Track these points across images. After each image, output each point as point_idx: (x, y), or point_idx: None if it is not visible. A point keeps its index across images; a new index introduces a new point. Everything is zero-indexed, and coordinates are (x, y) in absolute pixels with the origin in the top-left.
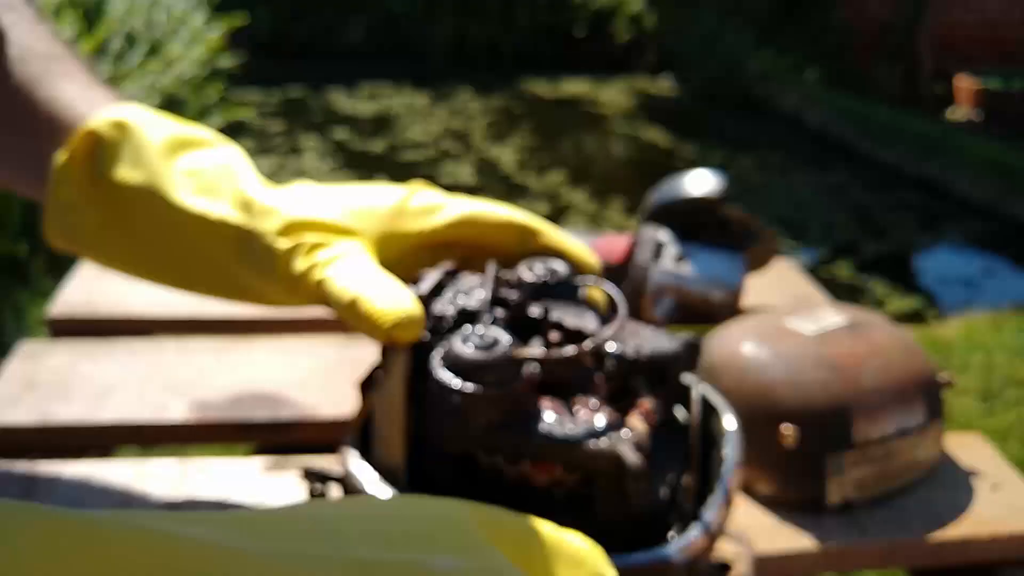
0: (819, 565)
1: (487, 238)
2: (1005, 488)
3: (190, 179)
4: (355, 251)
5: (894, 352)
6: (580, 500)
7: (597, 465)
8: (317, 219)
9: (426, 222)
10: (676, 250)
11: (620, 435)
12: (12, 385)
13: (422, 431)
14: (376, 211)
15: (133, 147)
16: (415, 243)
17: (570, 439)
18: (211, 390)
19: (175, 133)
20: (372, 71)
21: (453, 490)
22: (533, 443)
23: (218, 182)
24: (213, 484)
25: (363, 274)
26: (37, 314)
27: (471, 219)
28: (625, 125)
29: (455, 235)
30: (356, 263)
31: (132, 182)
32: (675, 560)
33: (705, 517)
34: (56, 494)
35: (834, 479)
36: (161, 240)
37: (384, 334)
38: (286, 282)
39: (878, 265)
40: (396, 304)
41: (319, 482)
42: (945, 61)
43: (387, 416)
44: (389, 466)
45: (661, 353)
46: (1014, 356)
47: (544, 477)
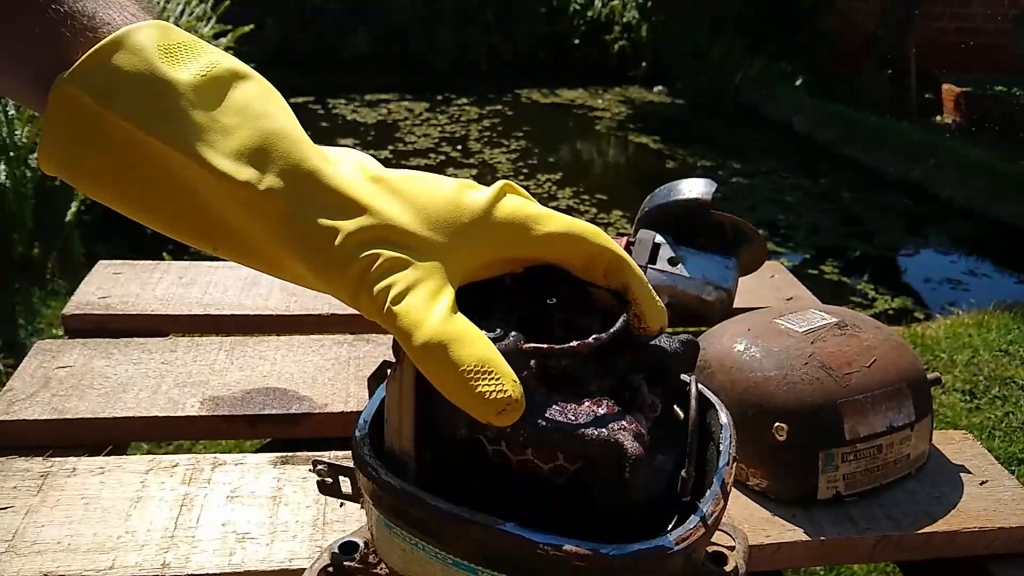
0: (810, 558)
1: (573, 259)
2: (992, 483)
3: (228, 136)
4: (433, 277)
5: (883, 351)
6: (580, 490)
7: (597, 452)
8: (398, 225)
9: (519, 238)
10: (671, 252)
11: (621, 424)
12: (28, 382)
13: (432, 419)
14: (458, 220)
15: (157, 82)
16: (496, 259)
17: (572, 427)
18: (223, 386)
19: (209, 67)
20: (376, 80)
21: (460, 476)
22: (536, 430)
23: (267, 142)
24: (225, 478)
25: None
26: (50, 314)
27: (570, 238)
28: (619, 132)
29: (548, 251)
30: (434, 299)
31: (155, 129)
32: (673, 550)
33: (702, 509)
34: (71, 488)
35: (825, 474)
36: (182, 198)
37: (486, 418)
38: (346, 288)
39: (866, 267)
40: (499, 389)
41: (329, 476)
42: (931, 68)
43: (399, 404)
44: (399, 453)
45: (662, 351)
46: (999, 354)
47: (547, 464)
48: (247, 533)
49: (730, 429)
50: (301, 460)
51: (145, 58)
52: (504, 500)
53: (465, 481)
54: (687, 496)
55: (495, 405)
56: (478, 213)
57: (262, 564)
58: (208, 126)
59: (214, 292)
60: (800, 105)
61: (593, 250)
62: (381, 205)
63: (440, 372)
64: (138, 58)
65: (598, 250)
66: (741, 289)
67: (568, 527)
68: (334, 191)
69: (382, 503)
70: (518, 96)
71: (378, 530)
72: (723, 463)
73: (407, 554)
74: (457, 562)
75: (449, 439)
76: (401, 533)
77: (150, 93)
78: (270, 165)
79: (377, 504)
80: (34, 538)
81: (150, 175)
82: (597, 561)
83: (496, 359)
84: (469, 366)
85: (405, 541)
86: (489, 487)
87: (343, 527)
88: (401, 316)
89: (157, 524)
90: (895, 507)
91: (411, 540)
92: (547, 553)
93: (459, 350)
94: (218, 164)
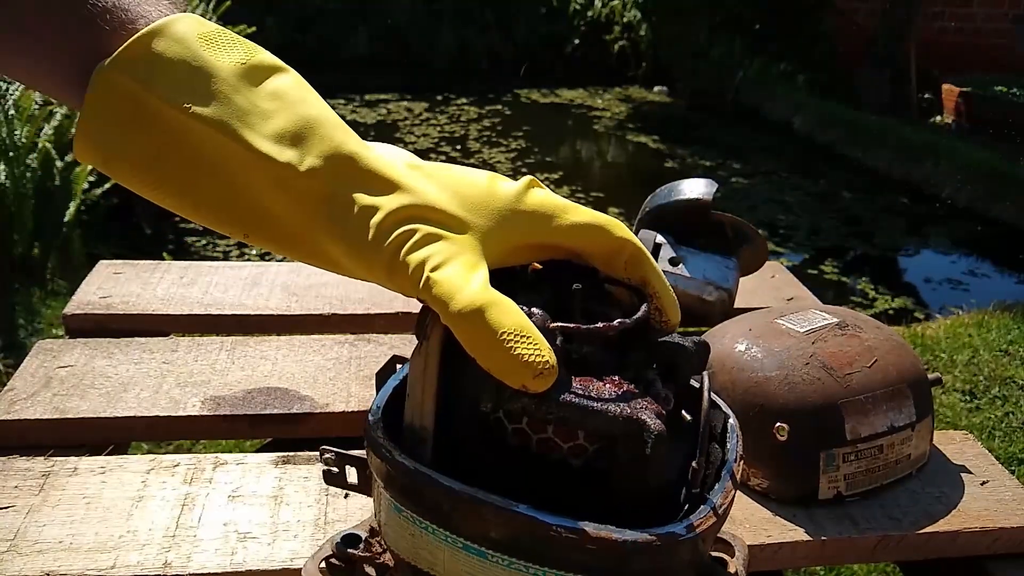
0: (811, 558)
1: (595, 250)
2: (993, 484)
3: (269, 119)
4: (469, 252)
5: (884, 351)
6: (597, 474)
7: (620, 429)
8: (435, 205)
9: (546, 225)
10: (671, 252)
11: (642, 404)
12: (29, 382)
13: (456, 393)
14: (490, 204)
15: (199, 68)
16: (524, 244)
17: (594, 405)
18: (224, 386)
19: (249, 56)
20: (375, 79)
21: (476, 460)
22: (561, 405)
23: (304, 126)
24: (226, 477)
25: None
26: (50, 314)
27: (595, 229)
28: (619, 132)
29: (573, 240)
30: (472, 270)
31: (197, 111)
32: (684, 536)
33: (713, 499)
34: (72, 488)
35: (826, 474)
36: (220, 182)
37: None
38: (383, 264)
39: (866, 267)
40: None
41: (336, 464)
42: (931, 68)
43: (422, 378)
44: (419, 428)
45: (678, 347)
46: (999, 354)
47: (566, 444)
48: (249, 533)
49: (736, 430)
50: (302, 460)
51: (187, 45)
52: (518, 484)
53: (481, 463)
54: (697, 488)
55: (532, 368)
56: (509, 199)
57: (264, 564)
58: (249, 109)
59: (215, 292)
60: (800, 105)
61: (615, 242)
62: (419, 186)
63: (479, 335)
64: (180, 45)
65: (620, 243)
66: (742, 289)
67: (581, 512)
68: (373, 173)
69: (394, 484)
70: (517, 96)
71: (387, 515)
72: (732, 458)
73: (416, 539)
74: (467, 546)
75: (469, 418)
76: (411, 516)
77: (193, 77)
78: (310, 147)
79: (388, 486)
80: (35, 537)
81: (190, 160)
82: (609, 545)
83: (532, 327)
84: (508, 329)
85: (415, 525)
86: (504, 470)
87: (345, 526)
88: (440, 283)
89: (158, 524)
90: (896, 507)
91: (421, 524)
92: (560, 535)
93: (498, 315)
94: (260, 145)
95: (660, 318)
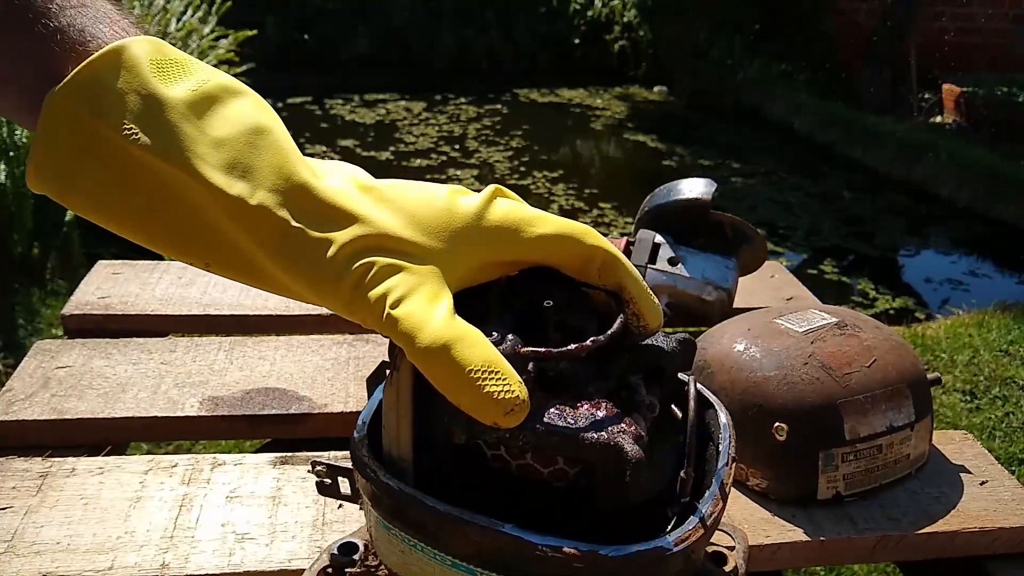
0: (810, 558)
1: (565, 261)
2: (992, 483)
3: (220, 149)
4: (431, 281)
5: (883, 351)
6: (580, 492)
7: (597, 456)
8: (391, 232)
9: (511, 240)
10: (671, 252)
11: (620, 427)
12: (28, 382)
13: (429, 424)
14: (451, 224)
15: (149, 96)
16: (491, 262)
17: (571, 431)
18: (223, 387)
19: (201, 83)
20: (375, 79)
21: (459, 482)
22: (536, 435)
23: (256, 156)
24: (224, 478)
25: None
26: (50, 314)
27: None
28: (618, 132)
29: (540, 253)
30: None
31: (146, 142)
32: (672, 551)
33: (701, 510)
34: (70, 488)
35: (825, 474)
36: (175, 213)
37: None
38: (342, 299)
39: (866, 267)
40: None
41: (328, 476)
42: (932, 68)
43: (396, 409)
44: (397, 458)
45: (659, 351)
46: (999, 354)
47: (546, 469)
48: (246, 533)
49: (730, 429)
50: (300, 460)
51: (138, 73)
52: (503, 502)
53: (464, 484)
54: (686, 497)
55: (503, 405)
56: (470, 217)
57: (261, 564)
58: (200, 139)
59: (213, 292)
60: (800, 105)
61: (586, 251)
62: (373, 214)
63: (446, 374)
64: (130, 73)
65: (591, 250)
66: (741, 289)
67: (567, 528)
68: (325, 203)
69: (380, 504)
70: (517, 96)
71: (377, 531)
72: (722, 464)
73: (406, 555)
74: (456, 563)
75: (446, 446)
76: (399, 534)
77: (142, 107)
78: (261, 179)
79: (375, 505)
80: (33, 538)
81: (144, 191)
82: (596, 562)
83: (501, 360)
84: (476, 367)
85: (404, 542)
86: (488, 490)
87: (343, 527)
88: (402, 320)
89: (156, 524)
90: (895, 507)
91: (409, 541)
92: (546, 555)
93: (464, 351)
94: (210, 177)
95: (638, 323)
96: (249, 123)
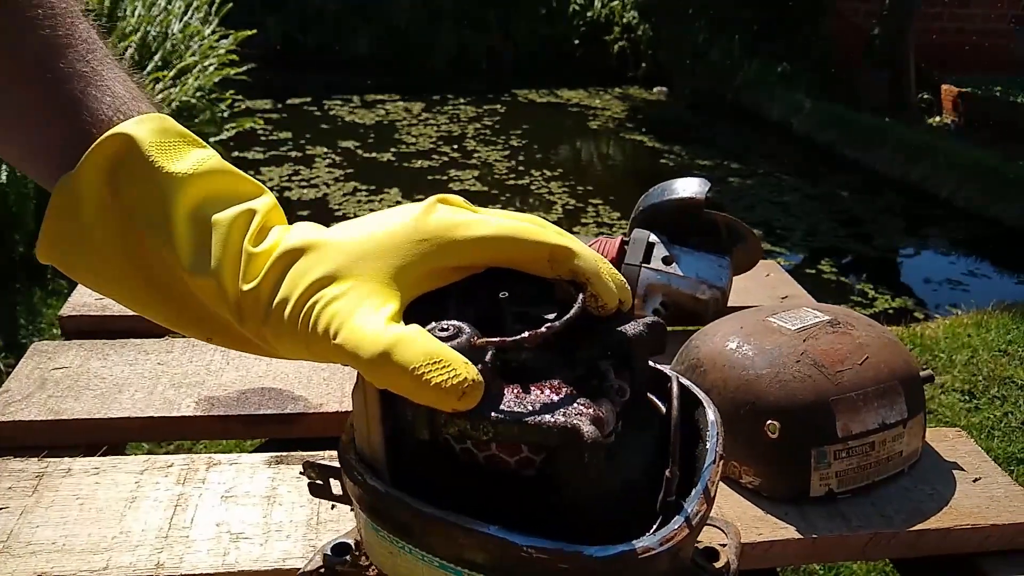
0: (802, 555)
1: (511, 260)
2: (985, 480)
3: (200, 236)
4: (368, 296)
5: (875, 348)
6: (549, 482)
7: (555, 440)
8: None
9: (450, 245)
10: (665, 251)
11: (576, 409)
12: (24, 383)
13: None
14: (390, 240)
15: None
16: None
17: (527, 416)
18: (218, 387)
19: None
20: (375, 79)
21: (434, 480)
22: (492, 423)
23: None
24: (219, 477)
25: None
26: (51, 314)
27: (501, 241)
28: (617, 132)
29: (481, 256)
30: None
31: (141, 223)
32: (657, 551)
33: (687, 509)
34: (66, 489)
35: (817, 471)
36: (174, 290)
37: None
38: (305, 350)
39: (865, 267)
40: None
41: (320, 478)
42: (930, 68)
43: (364, 414)
44: (371, 460)
45: (624, 335)
46: (998, 354)
47: (512, 458)
48: (241, 533)
49: (718, 427)
50: (296, 460)
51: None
52: (480, 498)
53: (441, 483)
54: (672, 496)
55: (453, 392)
56: (407, 229)
57: (256, 564)
58: (183, 219)
59: None
60: (799, 106)
61: (528, 249)
62: (311, 265)
63: (393, 379)
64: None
65: (533, 248)
66: (736, 288)
67: (547, 523)
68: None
69: (368, 507)
70: (516, 96)
71: (366, 532)
72: (709, 462)
73: (394, 556)
74: (443, 564)
75: (417, 445)
76: (387, 536)
77: (144, 191)
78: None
79: (363, 507)
80: (29, 539)
81: (145, 271)
82: (580, 563)
83: (442, 350)
84: (417, 363)
85: (392, 544)
86: (464, 486)
87: (337, 527)
88: (343, 344)
89: (151, 524)
90: (888, 504)
91: (397, 543)
92: (531, 556)
93: (404, 352)
94: (189, 264)
95: (596, 304)
96: (232, 210)
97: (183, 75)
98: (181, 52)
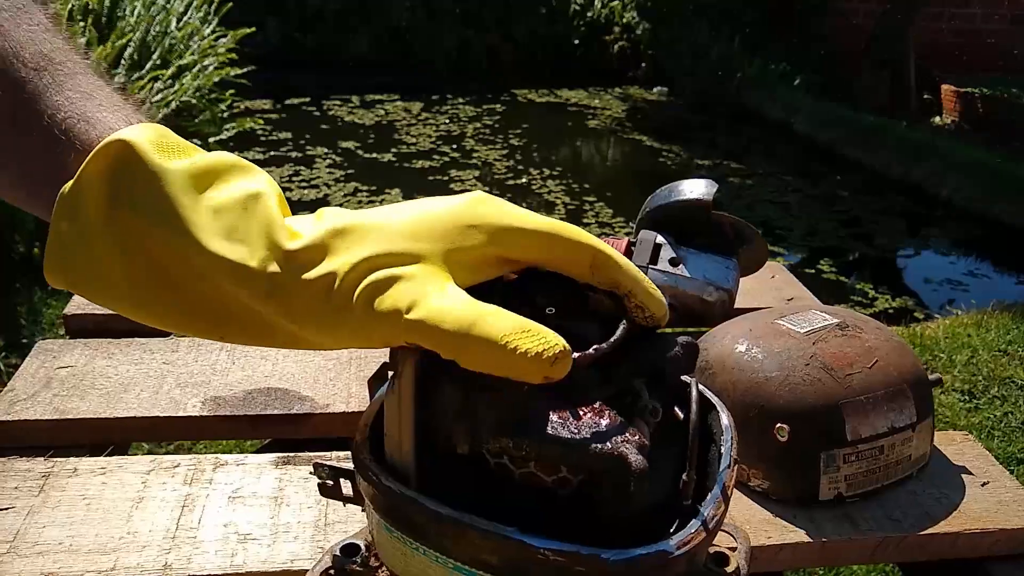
0: (811, 559)
1: (556, 258)
2: (994, 484)
3: (219, 218)
4: (435, 278)
5: (885, 351)
6: (583, 499)
7: (601, 467)
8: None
9: (496, 234)
10: (672, 253)
11: (624, 437)
12: (30, 382)
13: (431, 432)
14: (437, 227)
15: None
16: (480, 259)
17: (575, 442)
18: (224, 387)
19: (198, 162)
20: (375, 80)
21: (462, 489)
22: (538, 445)
23: (248, 222)
24: (226, 478)
25: (466, 308)
26: (52, 314)
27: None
28: (617, 132)
29: (527, 248)
30: (446, 295)
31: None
32: (674, 554)
33: (703, 513)
34: (72, 489)
35: (826, 475)
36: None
37: (541, 375)
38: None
39: (865, 267)
40: (544, 342)
41: (330, 478)
42: (930, 68)
43: (397, 417)
44: (399, 465)
45: (661, 355)
46: (998, 354)
47: (550, 477)
48: (249, 534)
49: (732, 431)
50: (303, 460)
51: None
52: (505, 507)
53: (466, 489)
54: (688, 500)
55: (545, 359)
56: (454, 216)
57: (264, 565)
58: (200, 210)
59: None
60: (799, 106)
61: (572, 248)
62: (356, 244)
63: (480, 350)
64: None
65: (576, 247)
66: (742, 290)
67: (569, 531)
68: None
69: (382, 507)
70: (515, 96)
71: (379, 533)
72: (724, 466)
73: (407, 558)
74: (458, 567)
75: (448, 456)
76: (401, 537)
77: (147, 186)
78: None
79: (377, 508)
80: (35, 539)
81: (155, 273)
82: (598, 566)
83: (530, 321)
84: (508, 331)
85: (406, 545)
86: (490, 496)
87: (345, 528)
88: (427, 319)
89: (159, 525)
90: (896, 508)
91: (411, 544)
92: (548, 558)
93: (493, 322)
94: (211, 245)
95: (644, 315)
96: (243, 191)
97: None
98: (180, 51)
